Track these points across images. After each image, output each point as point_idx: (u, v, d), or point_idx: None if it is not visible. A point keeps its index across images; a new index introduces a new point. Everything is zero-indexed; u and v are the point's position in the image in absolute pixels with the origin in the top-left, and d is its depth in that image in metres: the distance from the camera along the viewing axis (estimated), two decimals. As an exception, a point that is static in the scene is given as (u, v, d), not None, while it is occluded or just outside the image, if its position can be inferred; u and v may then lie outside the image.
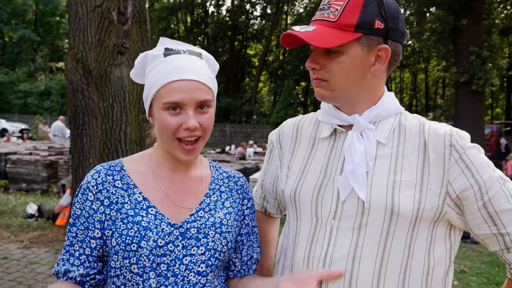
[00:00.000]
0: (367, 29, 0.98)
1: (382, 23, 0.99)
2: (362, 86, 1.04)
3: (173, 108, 1.02)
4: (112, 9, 5.12)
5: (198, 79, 1.03)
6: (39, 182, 8.44)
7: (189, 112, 1.02)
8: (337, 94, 1.04)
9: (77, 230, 1.08)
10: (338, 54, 1.00)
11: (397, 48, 1.05)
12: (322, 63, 1.02)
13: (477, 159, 0.98)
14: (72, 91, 5.31)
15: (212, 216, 1.11)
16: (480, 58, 13.34)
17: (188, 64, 1.04)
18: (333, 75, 1.01)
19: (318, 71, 1.03)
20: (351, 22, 0.97)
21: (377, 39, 1.00)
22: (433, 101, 33.83)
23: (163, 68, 1.04)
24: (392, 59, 1.04)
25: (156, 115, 1.05)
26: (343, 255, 1.00)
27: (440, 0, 13.91)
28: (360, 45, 0.99)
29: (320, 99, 1.07)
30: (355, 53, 0.99)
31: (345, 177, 1.02)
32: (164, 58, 1.06)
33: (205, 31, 31.80)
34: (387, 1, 1.01)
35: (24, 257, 4.69)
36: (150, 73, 1.08)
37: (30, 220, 6.12)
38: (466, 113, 13.65)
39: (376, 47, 1.00)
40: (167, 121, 1.02)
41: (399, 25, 1.03)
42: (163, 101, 1.02)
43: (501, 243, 1.00)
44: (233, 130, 26.74)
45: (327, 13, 1.00)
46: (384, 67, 1.05)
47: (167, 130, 1.03)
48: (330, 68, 1.01)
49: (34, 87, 27.97)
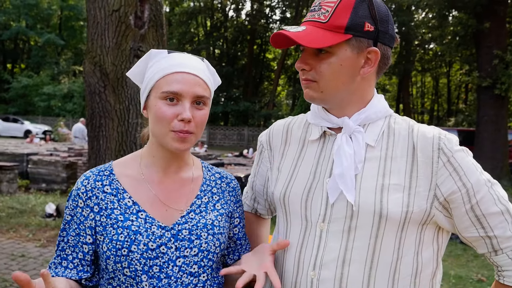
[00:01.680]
0: (357, 31, 0.98)
1: (372, 25, 0.99)
2: (351, 88, 1.04)
3: (170, 98, 1.04)
4: (129, 13, 5.21)
5: (199, 74, 1.07)
6: (59, 183, 8.64)
7: (186, 105, 1.04)
8: (326, 96, 1.04)
9: (69, 236, 1.09)
10: (328, 55, 1.00)
11: (387, 52, 1.04)
12: (311, 64, 1.02)
13: (464, 162, 0.98)
14: (89, 94, 5.42)
15: (203, 217, 1.12)
16: (504, 62, 13.01)
17: (190, 61, 1.08)
18: (322, 76, 1.01)
19: (308, 72, 1.03)
20: (341, 24, 0.97)
21: (367, 42, 1.00)
22: (455, 106, 33.11)
23: (166, 61, 1.08)
24: (381, 62, 1.04)
25: (153, 105, 1.07)
26: (333, 258, 0.99)
27: (461, 3, 13.66)
28: (350, 47, 0.99)
29: (309, 101, 1.07)
30: (344, 54, 0.99)
31: (334, 180, 1.01)
32: (167, 54, 1.10)
33: (224, 35, 32.04)
34: (377, 4, 1.00)
35: (41, 255, 4.80)
36: (151, 68, 1.10)
37: (48, 220, 6.27)
38: (488, 118, 13.33)
39: (365, 49, 1.00)
40: (162, 110, 1.04)
41: (389, 28, 1.03)
42: (162, 90, 1.04)
43: (488, 246, 0.99)
44: (251, 133, 26.79)
45: (318, 14, 1.01)
46: (374, 70, 1.04)
47: (162, 119, 1.04)
48: (319, 69, 1.01)
49: (57, 89, 28.68)
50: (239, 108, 28.18)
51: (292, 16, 31.09)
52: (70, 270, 1.09)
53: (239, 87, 31.43)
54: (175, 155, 1.13)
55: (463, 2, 13.49)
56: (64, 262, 1.09)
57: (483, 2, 12.81)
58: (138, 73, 1.16)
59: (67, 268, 1.09)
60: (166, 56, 1.10)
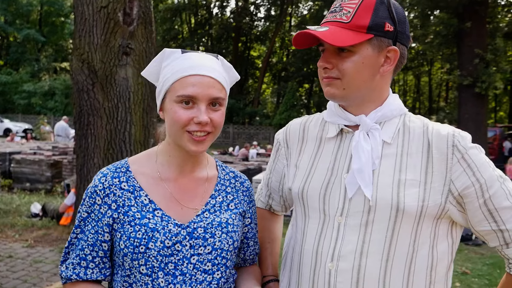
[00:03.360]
0: (378, 31, 1.02)
1: (391, 26, 1.04)
2: (371, 86, 1.08)
3: (186, 102, 1.04)
4: (118, 10, 5.16)
5: (213, 76, 1.07)
6: (43, 182, 8.48)
7: (202, 107, 1.04)
8: (348, 93, 1.07)
9: (88, 234, 1.08)
10: (350, 53, 1.04)
11: (404, 51, 1.09)
12: (334, 62, 1.06)
13: (478, 158, 1.02)
14: (77, 91, 5.35)
15: (218, 216, 1.13)
16: (484, 62, 13.34)
17: (204, 62, 1.08)
18: (345, 74, 1.05)
19: (330, 70, 1.07)
20: (364, 24, 1.02)
21: (387, 41, 1.04)
22: (437, 103, 33.78)
23: (180, 63, 1.08)
24: (398, 61, 1.08)
25: (168, 108, 1.07)
26: (350, 250, 1.03)
27: (444, 3, 13.92)
28: (371, 46, 1.03)
29: (330, 98, 1.10)
30: (366, 53, 1.04)
31: (352, 175, 1.05)
32: (181, 54, 1.10)
33: (209, 32, 31.90)
34: (395, 5, 1.05)
35: (29, 256, 4.72)
36: (166, 68, 1.10)
37: (35, 220, 6.16)
38: (469, 116, 13.65)
39: (385, 48, 1.05)
40: (178, 113, 1.05)
41: (406, 29, 1.08)
42: (177, 94, 1.05)
43: (500, 239, 1.04)
44: (236, 131, 26.78)
45: (339, 15, 1.05)
46: (392, 69, 1.08)
47: (177, 123, 1.05)
48: (342, 67, 1.05)
49: (38, 87, 28.04)
50: (224, 105, 28.06)
51: (277, 14, 31.15)
52: (92, 269, 1.08)
53: (223, 84, 31.25)
54: (191, 156, 1.14)
55: (446, 2, 13.76)
56: (83, 262, 1.08)
57: (464, 2, 13.09)
58: (153, 73, 1.16)
59: (87, 268, 1.08)
60: (180, 56, 1.09)
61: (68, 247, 1.11)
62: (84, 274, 1.08)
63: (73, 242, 1.11)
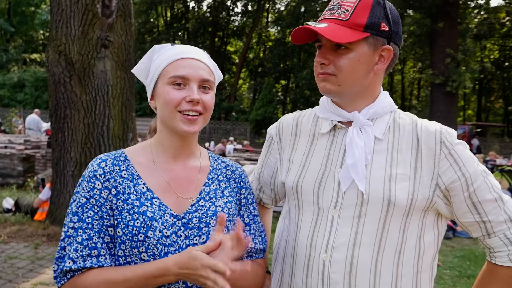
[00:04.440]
0: (375, 30, 1.07)
1: (387, 26, 1.09)
2: (364, 84, 1.12)
3: (177, 83, 1.10)
4: (96, 1, 5.06)
5: (203, 60, 1.14)
6: (15, 176, 8.24)
7: (193, 87, 1.10)
8: (343, 89, 1.11)
9: (92, 220, 1.06)
10: (346, 50, 1.08)
11: (396, 51, 1.14)
12: (331, 58, 1.10)
13: (464, 154, 1.09)
14: (53, 84, 5.22)
15: (213, 204, 1.16)
16: (455, 61, 13.77)
17: (194, 49, 1.15)
18: (341, 70, 1.09)
19: (327, 66, 1.11)
20: (361, 22, 1.06)
21: (382, 40, 1.09)
22: (409, 101, 34.61)
23: (171, 51, 1.14)
24: (391, 60, 1.13)
25: (161, 91, 1.12)
26: (343, 241, 1.08)
27: (418, 3, 14.27)
28: (367, 44, 1.08)
29: (325, 94, 1.14)
30: (362, 51, 1.08)
31: (346, 170, 1.10)
32: (171, 46, 1.16)
33: (185, 27, 31.52)
34: (390, 7, 1.11)
35: (3, 252, 4.60)
36: (156, 59, 1.16)
37: (7, 215, 5.99)
38: (440, 114, 14.08)
39: (380, 47, 1.10)
40: (171, 94, 1.10)
41: (399, 29, 1.13)
42: (169, 76, 1.10)
43: (483, 230, 1.11)
44: (213, 126, 26.64)
45: (338, 12, 1.09)
46: (385, 67, 1.13)
47: (170, 103, 1.09)
48: (338, 63, 1.09)
49: (6, 78, 27.05)
50: (200, 100, 27.87)
51: (254, 9, 31.09)
52: (104, 257, 1.05)
53: (200, 79, 31.03)
54: (183, 144, 1.16)
55: (420, 2, 14.11)
56: (94, 252, 1.04)
57: (437, 3, 13.46)
58: (143, 69, 1.20)
59: (99, 256, 1.05)
60: (171, 47, 1.16)
61: (64, 240, 1.06)
62: (97, 264, 1.04)
63: (70, 234, 1.05)
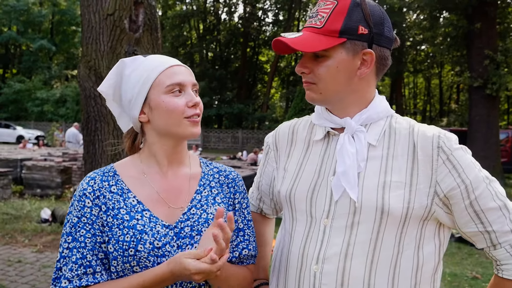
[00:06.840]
0: (351, 34, 1.03)
1: (366, 28, 1.03)
2: (349, 89, 1.08)
3: (176, 91, 1.09)
4: (124, 17, 5.21)
5: (185, 66, 1.15)
6: (53, 188, 8.60)
7: (190, 92, 1.11)
8: (326, 97, 1.09)
9: (84, 238, 1.06)
10: (325, 58, 1.05)
11: (383, 53, 1.08)
12: (310, 67, 1.07)
13: (463, 159, 1.01)
14: (84, 98, 5.40)
15: (205, 211, 1.14)
16: (494, 63, 13.17)
17: (173, 58, 1.15)
18: (320, 78, 1.06)
19: (307, 75, 1.08)
20: (335, 28, 1.02)
21: (362, 44, 1.04)
22: (447, 106, 33.40)
23: (150, 63, 1.11)
24: (378, 63, 1.08)
25: (160, 101, 1.09)
26: (335, 252, 1.03)
27: (452, 5, 13.81)
28: (345, 50, 1.04)
29: (311, 102, 1.11)
30: (340, 57, 1.04)
31: (338, 178, 1.05)
32: (145, 58, 1.13)
33: (217, 38, 32.07)
34: (372, 7, 1.05)
35: (38, 260, 4.78)
36: (133, 73, 1.11)
37: (44, 225, 6.24)
38: (480, 118, 13.46)
39: (361, 51, 1.04)
40: (173, 102, 1.09)
41: (385, 30, 1.07)
42: (166, 84, 1.09)
43: (487, 241, 1.03)
44: (245, 136, 26.80)
45: (315, 20, 1.06)
46: (371, 71, 1.08)
47: (176, 111, 1.09)
48: (317, 71, 1.06)
49: (50, 94, 28.47)
50: (233, 110, 28.19)
51: (285, 19, 31.21)
52: (100, 273, 1.05)
53: (232, 89, 31.44)
54: (177, 150, 1.15)
55: (454, 3, 13.64)
56: (90, 269, 1.04)
57: (473, 3, 12.96)
58: (112, 85, 1.16)
59: (95, 273, 1.04)
60: (145, 59, 1.13)
61: (60, 260, 1.06)
62: (94, 279, 1.04)
63: (65, 254, 1.05)
